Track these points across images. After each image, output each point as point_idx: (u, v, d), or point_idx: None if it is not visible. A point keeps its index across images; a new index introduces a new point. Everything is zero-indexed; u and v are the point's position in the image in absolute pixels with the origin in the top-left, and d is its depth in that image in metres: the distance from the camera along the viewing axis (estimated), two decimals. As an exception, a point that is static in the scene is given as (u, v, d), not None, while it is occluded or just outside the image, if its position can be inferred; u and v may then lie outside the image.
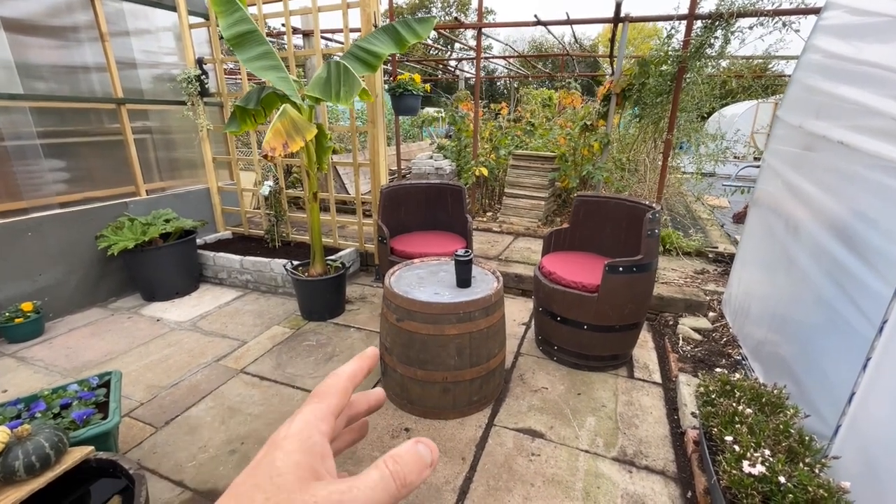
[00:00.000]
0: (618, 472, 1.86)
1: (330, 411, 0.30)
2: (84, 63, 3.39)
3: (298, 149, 2.41)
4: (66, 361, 2.67)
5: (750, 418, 1.49)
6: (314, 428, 0.28)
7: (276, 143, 2.30)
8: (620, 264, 2.29)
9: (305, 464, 0.26)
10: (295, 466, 0.25)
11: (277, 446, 0.27)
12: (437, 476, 1.83)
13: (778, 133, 2.65)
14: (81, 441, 1.55)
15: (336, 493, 0.25)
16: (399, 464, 0.27)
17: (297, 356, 2.72)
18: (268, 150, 2.27)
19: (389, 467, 0.27)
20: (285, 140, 2.35)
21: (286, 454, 0.26)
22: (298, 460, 0.26)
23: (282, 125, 2.40)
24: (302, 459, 0.26)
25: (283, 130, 2.39)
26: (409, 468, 0.27)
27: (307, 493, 0.24)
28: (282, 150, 2.31)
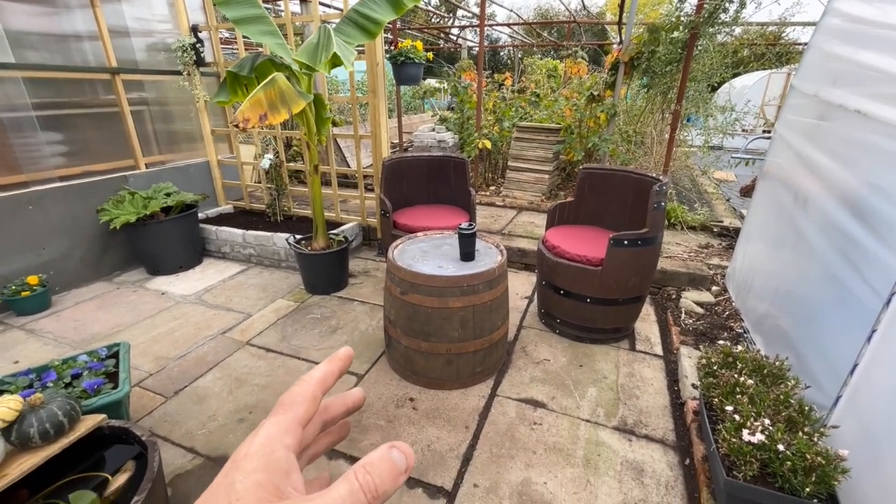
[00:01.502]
0: (618, 441, 1.90)
1: (296, 422, 0.28)
2: (76, 31, 3.28)
3: (281, 121, 2.33)
4: (75, 334, 2.71)
5: (751, 389, 1.51)
6: (277, 443, 0.26)
7: (251, 114, 2.22)
8: (625, 237, 2.27)
9: (267, 483, 0.25)
10: (255, 487, 0.24)
11: (238, 467, 0.25)
12: (441, 443, 1.87)
13: (792, 103, 2.56)
14: (93, 410, 1.58)
15: None
16: (371, 473, 0.25)
17: (302, 329, 2.75)
18: (240, 120, 2.20)
19: (360, 479, 0.25)
20: (264, 111, 2.27)
21: (246, 475, 0.25)
22: (259, 480, 0.25)
23: (265, 95, 2.32)
24: (263, 479, 0.25)
25: (265, 101, 2.31)
26: (382, 477, 0.25)
27: None
28: (257, 122, 2.23)
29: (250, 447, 0.26)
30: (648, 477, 1.72)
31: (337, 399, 0.36)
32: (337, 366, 0.32)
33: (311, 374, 0.31)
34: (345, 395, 0.37)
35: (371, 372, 2.34)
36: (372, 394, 2.17)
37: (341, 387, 2.25)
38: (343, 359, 0.33)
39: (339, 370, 0.32)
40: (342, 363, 0.33)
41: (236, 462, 0.26)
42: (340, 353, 0.33)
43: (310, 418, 0.29)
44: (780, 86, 13.21)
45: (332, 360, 0.33)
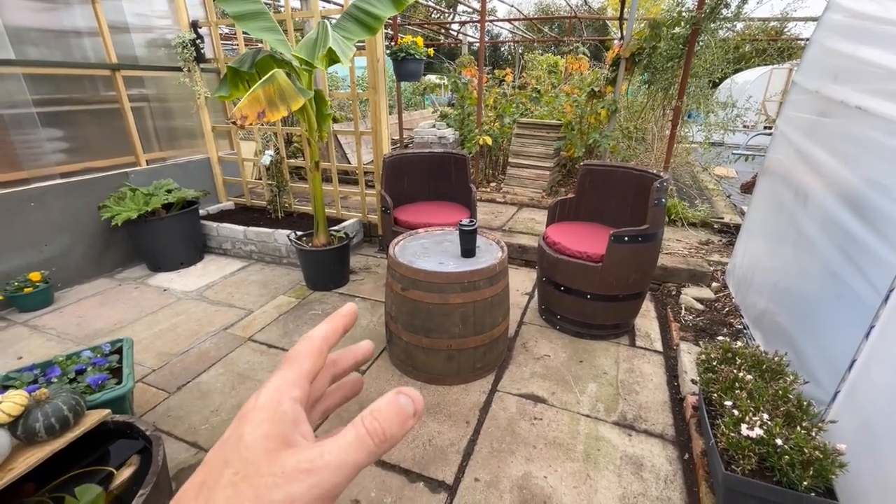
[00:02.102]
0: (617, 436, 1.92)
1: (302, 375, 0.29)
2: (75, 27, 3.27)
3: (279, 118, 2.34)
4: (78, 330, 2.72)
5: (750, 384, 1.52)
6: (284, 395, 0.27)
7: (249, 111, 2.22)
8: (626, 234, 2.28)
9: (275, 433, 0.25)
10: (263, 438, 0.25)
11: (246, 419, 0.26)
12: (442, 438, 1.89)
13: (793, 99, 2.56)
14: (98, 405, 1.60)
15: (305, 462, 0.24)
16: (378, 419, 0.26)
17: (304, 325, 2.76)
18: (238, 117, 2.20)
19: (366, 424, 0.25)
20: (263, 108, 2.27)
21: (254, 426, 0.25)
22: (267, 431, 0.25)
23: (263, 92, 2.32)
24: (271, 430, 0.25)
25: (264, 98, 2.31)
26: (389, 422, 0.26)
27: (276, 464, 0.24)
28: (255, 120, 2.23)
29: (257, 401, 0.27)
30: (648, 471, 1.74)
31: (345, 352, 0.36)
32: (341, 322, 0.32)
33: (315, 331, 0.31)
34: (353, 347, 0.37)
35: (372, 368, 2.36)
36: (373, 389, 2.19)
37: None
38: (346, 315, 0.33)
39: (343, 326, 0.32)
40: (346, 319, 0.33)
41: (245, 415, 0.26)
42: (344, 310, 0.33)
43: (316, 372, 0.30)
44: (782, 82, 13.18)
45: (335, 316, 0.33)
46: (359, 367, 0.37)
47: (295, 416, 0.26)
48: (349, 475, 0.24)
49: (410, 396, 0.27)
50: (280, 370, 0.29)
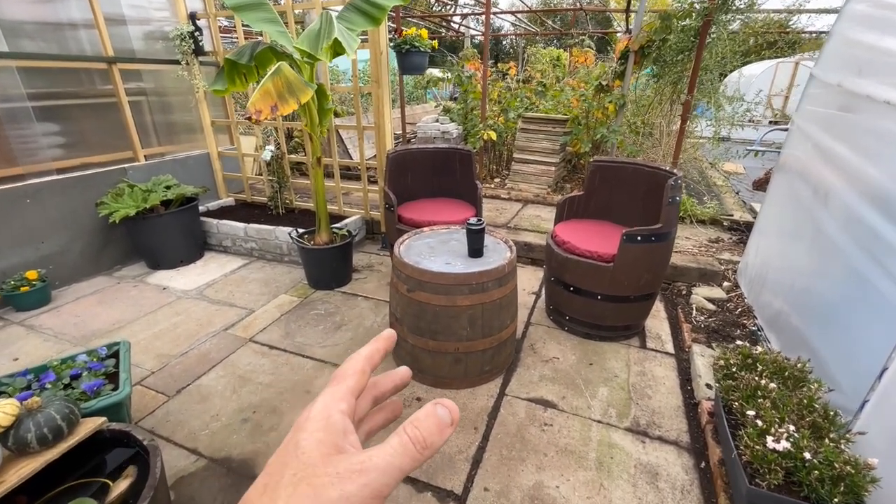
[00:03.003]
0: (631, 443, 1.86)
1: (348, 391, 0.31)
2: (71, 19, 3.19)
3: (290, 112, 2.26)
4: (75, 330, 2.67)
5: (773, 393, 1.45)
6: (333, 408, 0.30)
7: (262, 106, 2.15)
8: (639, 233, 2.21)
9: (327, 440, 0.28)
10: (318, 443, 0.27)
11: (301, 428, 0.29)
12: (450, 445, 1.83)
13: (811, 93, 2.48)
14: (93, 412, 1.54)
15: (356, 464, 0.26)
16: (419, 428, 0.28)
17: (306, 325, 2.70)
18: (252, 112, 2.13)
19: (409, 433, 0.28)
20: (275, 102, 2.20)
21: (309, 434, 0.28)
22: (321, 438, 0.28)
23: (273, 85, 2.24)
24: (324, 437, 0.28)
25: (274, 91, 2.23)
26: (429, 430, 0.28)
27: (330, 466, 0.26)
28: (269, 114, 2.16)
29: (310, 413, 0.30)
30: (663, 481, 1.68)
31: (385, 376, 0.39)
32: (382, 345, 0.36)
33: (360, 352, 0.34)
34: (392, 372, 0.39)
35: (376, 370, 2.29)
36: (378, 393, 2.12)
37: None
38: (387, 339, 0.36)
39: (384, 348, 0.36)
40: (386, 343, 0.36)
41: (300, 425, 0.29)
42: (384, 335, 0.37)
43: (360, 389, 0.33)
44: (788, 75, 13.01)
45: (378, 339, 0.36)
46: (398, 392, 0.39)
47: (344, 426, 0.29)
48: (396, 477, 0.27)
49: (448, 408, 0.30)
50: (329, 387, 0.32)
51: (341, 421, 0.29)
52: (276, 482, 0.26)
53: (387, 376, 0.39)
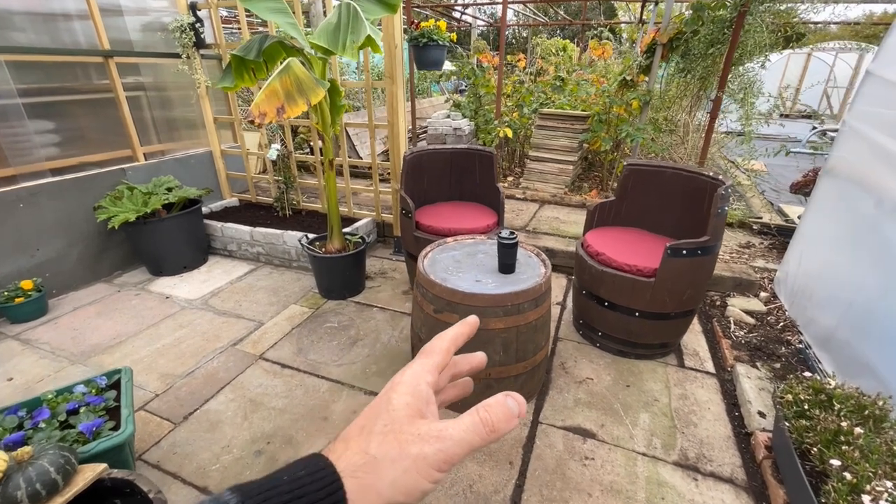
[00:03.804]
0: (681, 480, 1.70)
1: (434, 366, 0.35)
2: (64, 10, 2.97)
3: (299, 113, 2.07)
4: (73, 345, 2.50)
5: (861, 439, 1.29)
6: (421, 378, 0.34)
7: (267, 108, 1.96)
8: (684, 247, 2.03)
9: (413, 404, 0.32)
10: (405, 406, 0.32)
11: (394, 389, 0.33)
12: (484, 483, 1.67)
13: (869, 91, 2.28)
14: (92, 457, 1.37)
15: (435, 431, 0.30)
16: (490, 412, 0.31)
17: (319, 340, 2.54)
18: (256, 114, 1.94)
19: (480, 414, 0.31)
20: (282, 103, 2.00)
21: (399, 395, 0.32)
22: (408, 401, 0.32)
23: (281, 84, 2.04)
24: (411, 401, 0.32)
25: (282, 91, 2.04)
26: (497, 417, 0.31)
27: (414, 426, 0.30)
28: (274, 116, 1.97)
29: (402, 377, 0.34)
30: (723, 527, 1.52)
31: (463, 358, 0.43)
32: (467, 329, 0.40)
33: (446, 333, 0.38)
34: (469, 355, 0.43)
35: (398, 393, 2.13)
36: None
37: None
38: (472, 325, 0.40)
39: (468, 333, 0.40)
40: (471, 328, 0.40)
41: (393, 385, 0.34)
42: (469, 320, 0.41)
43: (444, 366, 0.37)
44: (801, 67, 12.71)
45: (463, 324, 0.40)
46: (473, 374, 0.44)
47: (428, 396, 0.33)
48: (466, 450, 0.30)
49: (517, 401, 0.32)
50: (418, 358, 0.36)
51: (426, 391, 0.33)
52: (370, 427, 0.31)
53: (465, 358, 0.43)
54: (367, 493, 0.28)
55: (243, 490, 0.28)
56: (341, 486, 0.28)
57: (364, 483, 0.28)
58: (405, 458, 0.29)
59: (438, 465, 0.29)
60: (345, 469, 0.29)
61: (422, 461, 0.29)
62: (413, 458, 0.29)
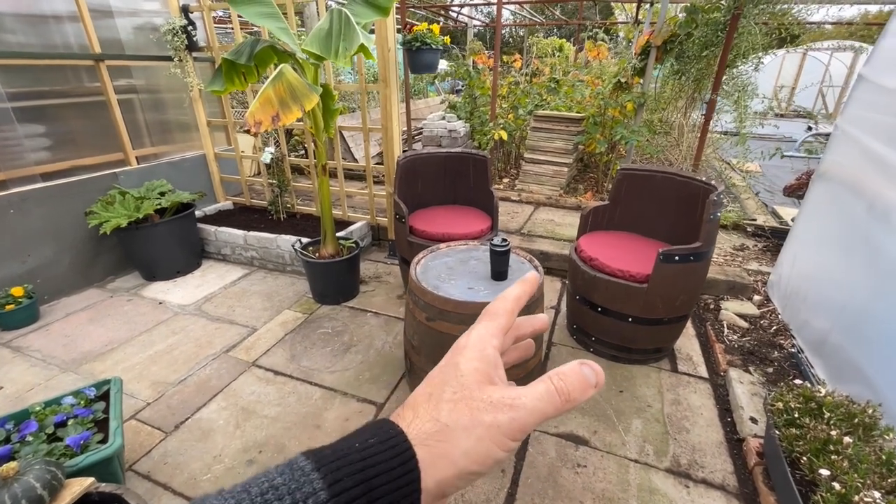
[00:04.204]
0: (673, 487, 1.70)
1: (499, 329, 0.34)
2: (54, 12, 2.94)
3: (293, 120, 2.06)
4: (65, 352, 2.48)
5: (850, 448, 1.29)
6: (487, 342, 0.32)
7: (262, 116, 1.95)
8: (677, 253, 2.03)
9: (482, 370, 0.31)
10: (474, 371, 0.30)
11: (460, 353, 0.32)
12: (475, 492, 1.67)
13: (862, 97, 2.28)
14: (80, 470, 1.36)
15: (508, 398, 0.29)
16: (564, 381, 0.29)
17: (312, 346, 2.53)
18: (251, 123, 1.92)
19: (555, 383, 0.29)
20: (276, 111, 1.99)
21: (467, 360, 0.31)
22: (477, 366, 0.31)
23: (274, 92, 2.03)
24: (479, 366, 0.31)
25: (276, 99, 2.02)
26: (573, 386, 0.29)
27: (484, 392, 0.29)
28: (270, 125, 1.96)
29: (468, 341, 0.33)
30: (714, 535, 1.52)
31: (526, 319, 0.41)
32: (529, 287, 0.38)
33: (509, 293, 0.37)
34: (532, 317, 0.42)
35: (391, 400, 2.13)
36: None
37: (360, 419, 2.04)
38: (532, 282, 0.38)
39: (530, 291, 0.38)
40: (532, 286, 0.38)
41: (458, 349, 0.32)
42: (529, 278, 0.38)
43: (508, 328, 0.35)
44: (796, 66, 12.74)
45: (524, 282, 0.38)
46: (535, 336, 0.43)
47: (496, 360, 0.32)
48: (539, 419, 0.29)
49: (594, 369, 0.31)
50: (482, 321, 0.35)
51: (494, 355, 0.32)
52: (438, 395, 0.30)
53: (528, 320, 0.41)
54: (440, 461, 0.27)
55: (317, 456, 0.27)
56: (414, 455, 0.27)
57: (436, 451, 0.27)
58: (478, 425, 0.28)
59: (512, 433, 0.28)
60: (416, 437, 0.28)
61: (495, 429, 0.28)
62: (486, 426, 0.28)
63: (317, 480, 0.25)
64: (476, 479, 0.28)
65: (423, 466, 0.27)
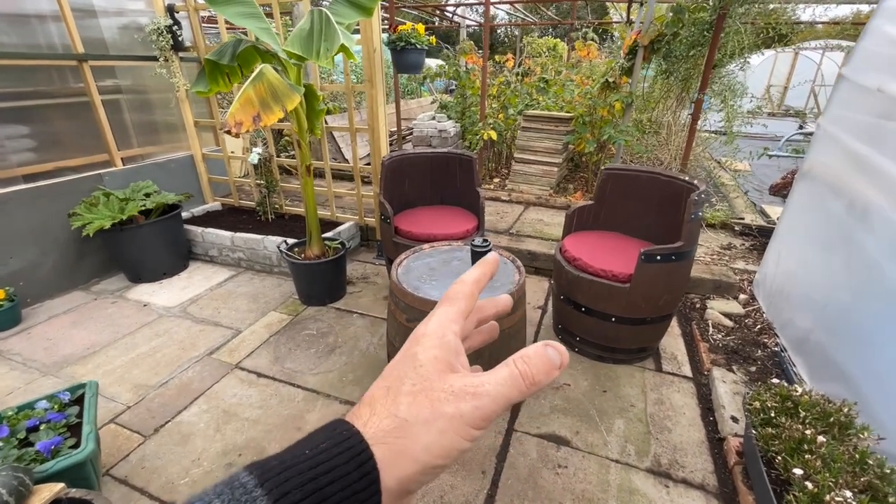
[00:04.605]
0: (653, 487, 1.70)
1: (459, 313, 0.33)
2: (35, 10, 2.91)
3: (275, 121, 2.05)
4: (46, 355, 2.46)
5: (823, 448, 1.29)
6: (447, 328, 0.31)
7: (243, 117, 1.93)
8: (658, 252, 2.03)
9: (442, 358, 0.29)
10: (433, 360, 0.29)
11: (418, 342, 0.31)
12: (455, 494, 1.66)
13: (842, 97, 2.29)
14: (51, 476, 1.35)
15: (470, 386, 0.28)
16: (528, 364, 0.29)
17: (297, 348, 2.51)
18: (232, 124, 1.91)
19: (518, 367, 0.29)
20: (257, 111, 1.98)
21: (425, 349, 0.30)
22: (436, 354, 0.29)
23: (255, 92, 2.02)
24: (439, 354, 0.30)
25: (256, 99, 2.01)
26: (537, 368, 0.29)
27: (445, 382, 0.28)
28: (251, 125, 1.95)
29: (426, 329, 0.31)
30: (692, 535, 1.52)
31: (488, 301, 0.40)
32: (489, 268, 0.37)
33: (468, 276, 0.35)
34: (495, 298, 0.41)
35: (374, 401, 2.12)
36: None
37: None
38: (492, 263, 0.37)
39: (490, 272, 0.37)
40: (492, 267, 0.37)
41: (416, 338, 0.31)
42: (489, 258, 0.37)
43: (469, 312, 0.34)
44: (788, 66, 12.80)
45: (484, 263, 0.37)
46: (498, 317, 0.41)
47: (456, 346, 0.31)
48: (503, 405, 0.28)
49: (558, 350, 0.30)
50: (441, 306, 0.33)
51: (454, 341, 0.31)
52: (396, 388, 0.28)
53: (490, 301, 0.40)
54: (400, 459, 0.26)
55: (262, 468, 0.24)
56: (371, 456, 0.25)
57: (396, 449, 0.26)
58: (439, 417, 0.27)
59: (476, 422, 0.27)
60: (373, 435, 0.26)
61: (458, 420, 0.27)
62: (448, 417, 0.27)
63: (260, 498, 0.23)
64: (441, 472, 0.27)
65: (382, 466, 0.26)
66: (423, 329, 0.31)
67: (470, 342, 0.39)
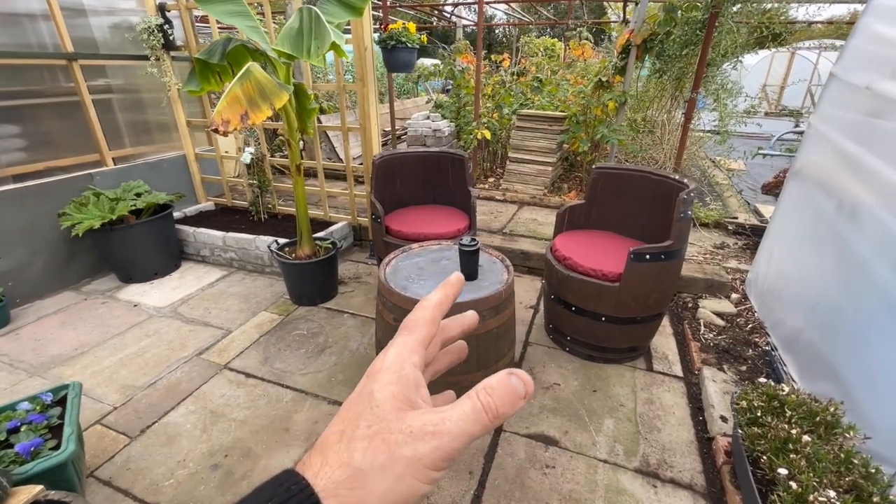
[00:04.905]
0: (641, 487, 1.69)
1: (419, 342, 0.31)
2: (25, 9, 2.89)
3: (264, 119, 2.03)
4: (33, 356, 2.44)
5: (808, 447, 1.28)
6: (406, 360, 0.30)
7: (230, 115, 1.92)
8: (647, 251, 2.02)
9: (400, 394, 0.28)
10: (391, 397, 0.27)
11: (374, 378, 0.29)
12: (442, 495, 1.65)
13: (832, 95, 2.28)
14: (30, 478, 1.33)
15: (430, 425, 0.26)
16: (492, 396, 0.27)
17: (287, 348, 2.50)
18: (219, 122, 1.90)
19: (482, 399, 0.27)
20: (245, 110, 1.97)
21: (382, 386, 0.28)
22: (394, 391, 0.28)
23: (242, 90, 2.01)
24: (397, 390, 0.28)
25: (244, 97, 2.00)
26: (501, 399, 0.27)
27: (404, 422, 0.26)
28: (239, 124, 1.93)
29: (383, 363, 0.30)
30: (679, 535, 1.52)
31: (453, 320, 0.38)
32: (452, 290, 0.35)
33: (430, 299, 0.34)
34: (460, 316, 0.39)
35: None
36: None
37: (329, 421, 2.01)
38: (455, 284, 0.36)
39: (453, 294, 0.35)
40: (455, 288, 0.35)
41: (373, 374, 0.29)
42: (452, 280, 0.36)
43: (431, 339, 0.32)
44: (785, 65, 12.81)
45: (446, 285, 0.35)
46: (465, 335, 0.39)
47: (416, 380, 0.29)
48: (466, 443, 0.26)
49: (522, 379, 0.28)
50: (400, 336, 0.32)
51: (413, 374, 0.29)
52: (351, 431, 0.27)
53: (455, 320, 0.39)
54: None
55: None
56: None
57: (349, 502, 0.25)
58: (396, 462, 0.25)
59: (435, 464, 0.25)
60: (325, 488, 0.25)
61: (416, 463, 0.25)
62: (406, 461, 0.25)
63: None
64: None
65: None
66: (379, 363, 0.30)
67: (436, 366, 0.38)
